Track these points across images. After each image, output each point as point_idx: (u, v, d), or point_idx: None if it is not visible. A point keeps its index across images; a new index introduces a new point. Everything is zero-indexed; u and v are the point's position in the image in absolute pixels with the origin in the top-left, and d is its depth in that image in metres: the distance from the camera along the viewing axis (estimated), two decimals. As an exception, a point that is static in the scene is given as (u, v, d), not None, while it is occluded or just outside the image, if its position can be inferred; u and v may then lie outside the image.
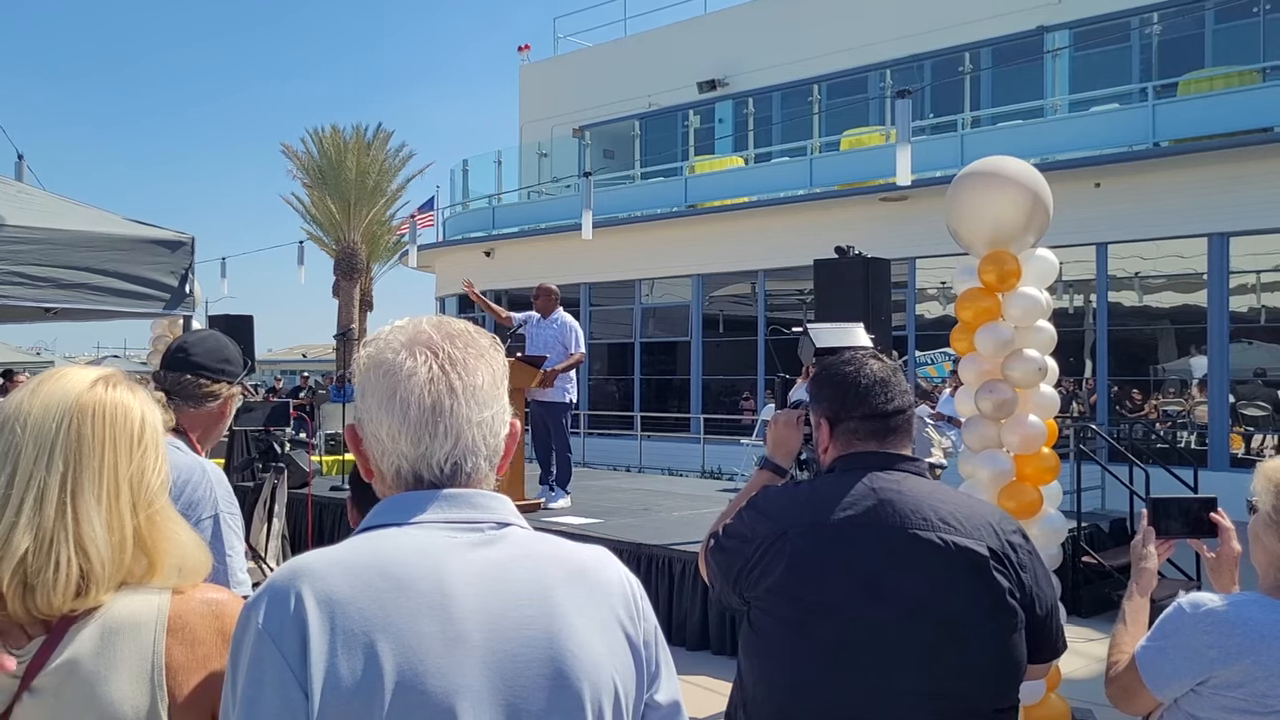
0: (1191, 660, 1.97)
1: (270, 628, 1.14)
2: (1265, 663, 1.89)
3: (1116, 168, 14.16)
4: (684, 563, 6.80)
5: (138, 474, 1.39)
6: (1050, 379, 4.90)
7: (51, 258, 4.60)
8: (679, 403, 19.85)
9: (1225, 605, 1.97)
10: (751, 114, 21.23)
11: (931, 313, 16.63)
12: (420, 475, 1.26)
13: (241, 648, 1.16)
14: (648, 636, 1.31)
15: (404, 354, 1.27)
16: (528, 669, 1.18)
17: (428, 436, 1.25)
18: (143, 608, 1.35)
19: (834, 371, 2.23)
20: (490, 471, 1.31)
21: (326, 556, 1.20)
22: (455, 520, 1.24)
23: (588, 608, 1.24)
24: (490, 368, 1.31)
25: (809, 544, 2.03)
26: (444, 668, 1.14)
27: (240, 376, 2.80)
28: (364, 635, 1.13)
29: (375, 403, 1.27)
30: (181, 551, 1.41)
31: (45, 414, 1.37)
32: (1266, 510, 1.98)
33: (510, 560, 1.23)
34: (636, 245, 19.59)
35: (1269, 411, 13.93)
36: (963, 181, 4.87)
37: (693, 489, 11.24)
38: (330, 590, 1.15)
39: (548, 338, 8.62)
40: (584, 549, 1.32)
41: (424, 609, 1.16)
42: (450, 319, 1.34)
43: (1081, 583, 7.73)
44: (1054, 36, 16.99)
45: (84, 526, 1.33)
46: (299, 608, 1.14)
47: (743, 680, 2.16)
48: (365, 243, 27.91)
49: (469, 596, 1.18)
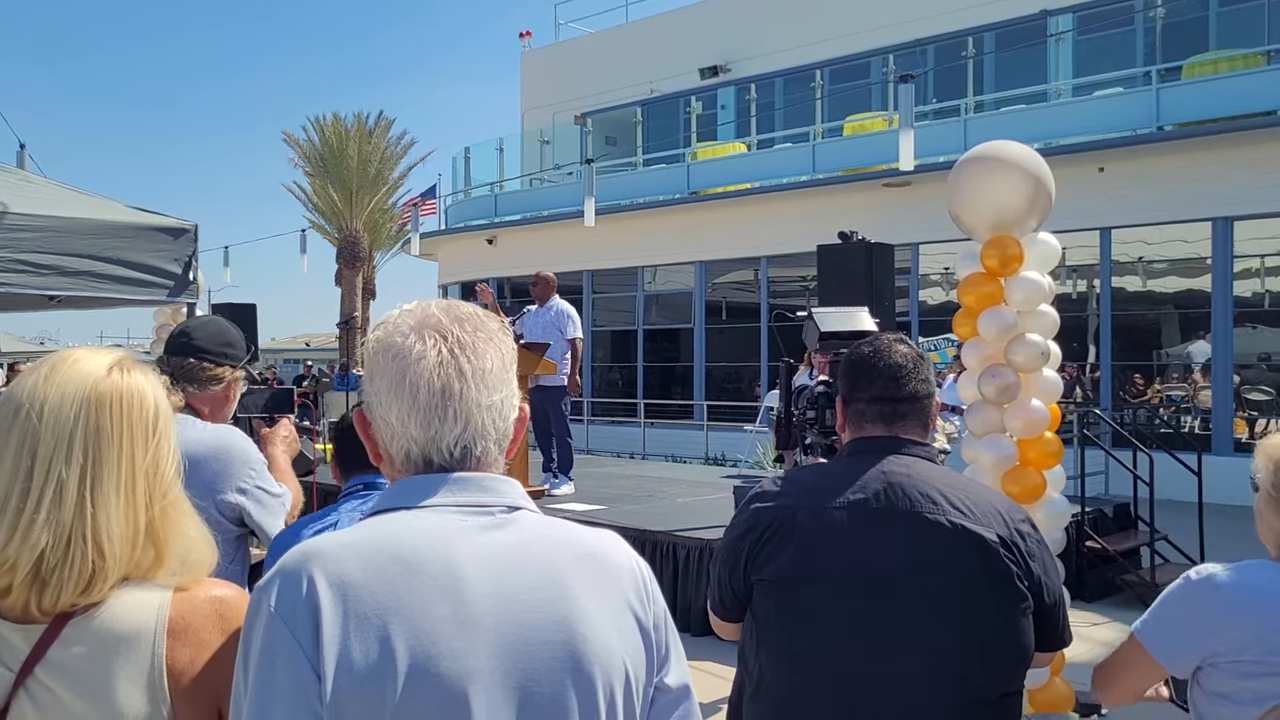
0: (1196, 625, 1.97)
1: (283, 610, 1.14)
2: (1268, 619, 1.89)
3: (1120, 152, 14.11)
4: (688, 549, 6.82)
5: (153, 465, 1.37)
6: (1053, 364, 4.90)
7: (54, 245, 4.59)
8: (682, 390, 19.85)
9: (1228, 570, 1.98)
10: (754, 100, 21.16)
11: (935, 298, 16.61)
12: (430, 459, 1.26)
13: (254, 630, 1.16)
14: (657, 620, 1.31)
15: (413, 337, 1.27)
16: (540, 652, 1.18)
17: (437, 420, 1.25)
18: (143, 610, 1.33)
19: (853, 353, 2.24)
20: (500, 455, 1.31)
21: (338, 540, 1.20)
22: (465, 504, 1.24)
23: (598, 591, 1.25)
24: (499, 351, 1.31)
25: (817, 526, 2.03)
26: (456, 650, 1.15)
27: (243, 361, 2.81)
28: (376, 618, 1.13)
29: (384, 386, 1.27)
30: (187, 544, 1.39)
31: (62, 402, 1.33)
32: (1267, 488, 1.98)
33: (521, 544, 1.24)
34: (639, 232, 19.56)
35: (1273, 396, 13.91)
36: (965, 166, 4.86)
37: (696, 475, 11.25)
38: (342, 573, 1.15)
39: (544, 324, 8.64)
40: (594, 533, 1.32)
41: (436, 592, 1.16)
42: (459, 302, 1.34)
43: (1085, 567, 7.74)
44: (1057, 20, 16.91)
45: (100, 522, 1.31)
46: (311, 591, 1.14)
47: (747, 664, 2.16)
48: (367, 231, 27.90)
49: (480, 580, 1.19)
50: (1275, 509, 1.97)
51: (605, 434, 18.89)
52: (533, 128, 24.33)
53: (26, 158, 10.13)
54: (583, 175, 15.98)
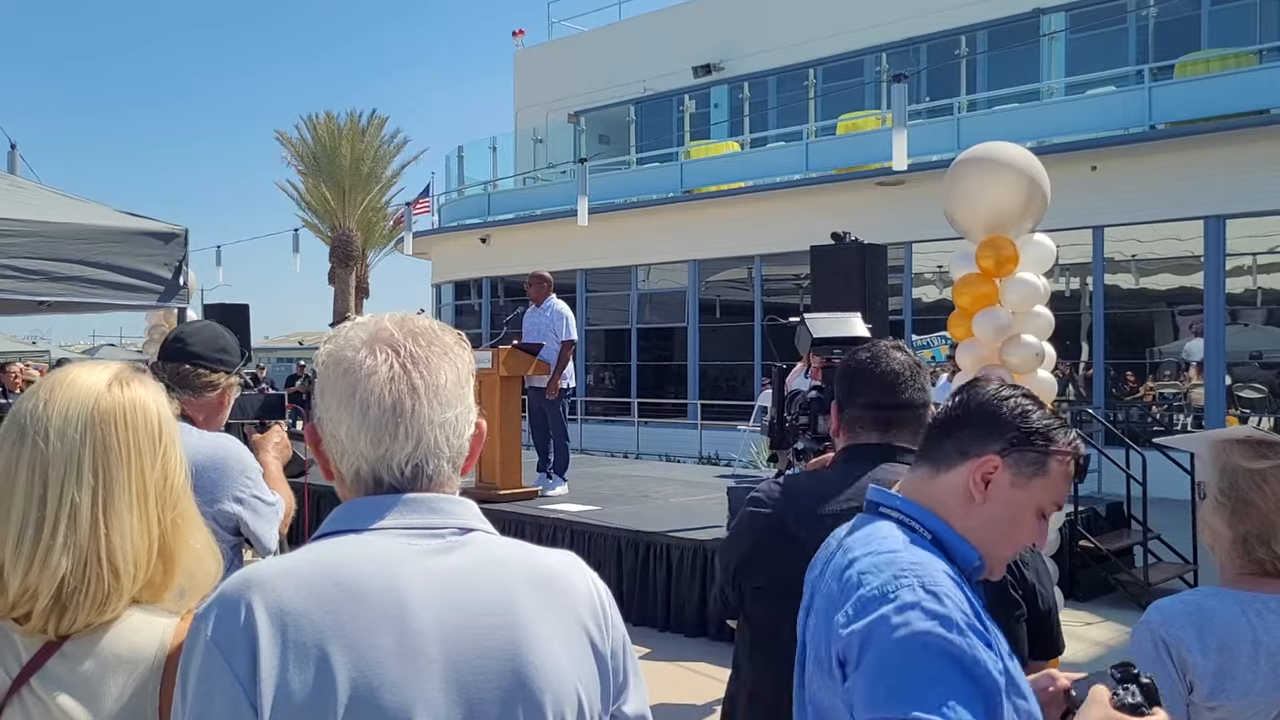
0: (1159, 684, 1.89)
1: (219, 639, 1.10)
2: (1203, 661, 1.82)
3: (1113, 150, 14.14)
4: (681, 549, 6.81)
5: (162, 477, 1.37)
6: (1048, 364, 4.90)
7: (43, 250, 4.57)
8: (676, 389, 19.86)
9: (1168, 610, 1.88)
10: (747, 98, 21.16)
11: (929, 296, 16.63)
12: (380, 478, 1.22)
13: (191, 659, 1.12)
14: (615, 646, 1.26)
15: (364, 352, 1.22)
16: (488, 681, 1.15)
17: (388, 438, 1.21)
18: (147, 634, 1.32)
19: (850, 359, 2.24)
20: (454, 474, 1.26)
21: (279, 565, 1.17)
22: (415, 526, 1.20)
23: (552, 616, 1.20)
24: (454, 366, 1.26)
25: (809, 533, 2.02)
26: (400, 680, 1.11)
27: (238, 367, 2.80)
28: (316, 648, 1.10)
29: (334, 402, 1.22)
30: (193, 559, 1.39)
31: (65, 424, 1.32)
32: (1214, 494, 1.93)
33: (471, 568, 1.19)
34: (632, 231, 19.56)
35: (1265, 394, 13.95)
36: (960, 167, 4.86)
37: (690, 475, 11.24)
38: (282, 601, 1.11)
39: (540, 325, 8.63)
40: (551, 555, 1.28)
41: (379, 620, 1.12)
42: (414, 316, 1.29)
43: (1078, 567, 7.74)
44: (1050, 19, 16.94)
45: (115, 542, 1.30)
46: (249, 619, 1.10)
47: (740, 670, 2.16)
48: (360, 230, 27.87)
49: (427, 607, 1.15)
50: (1222, 514, 1.92)
51: (599, 433, 18.89)
52: (526, 126, 24.31)
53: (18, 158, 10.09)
54: (576, 174, 15.95)
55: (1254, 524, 1.86)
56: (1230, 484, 1.89)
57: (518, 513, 7.68)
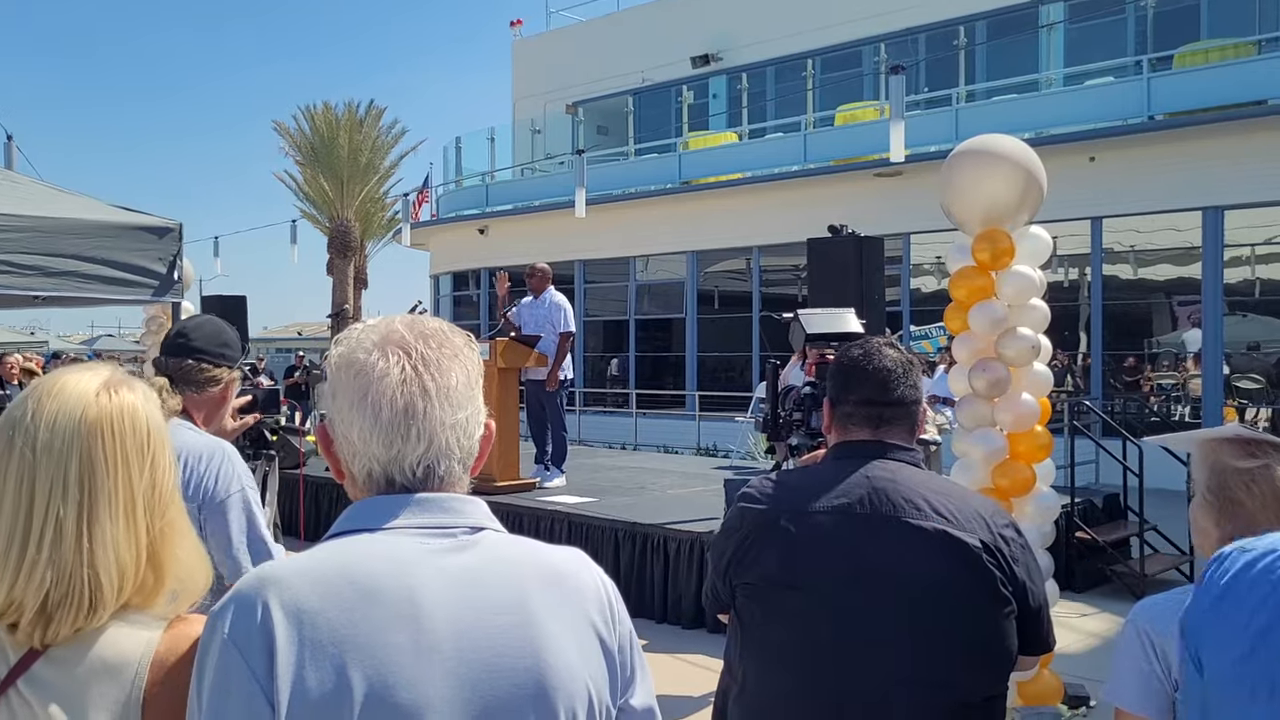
0: (1143, 672, 1.88)
1: (237, 638, 1.12)
2: None
3: (1111, 141, 14.12)
4: (679, 541, 6.82)
5: (149, 485, 1.36)
6: (1044, 357, 4.90)
7: (39, 246, 4.57)
8: (674, 380, 19.86)
9: (1152, 607, 1.87)
10: (745, 89, 21.11)
11: (927, 287, 16.63)
12: (392, 478, 1.24)
13: (207, 657, 1.14)
14: (622, 641, 1.30)
15: (376, 354, 1.24)
16: (501, 679, 1.17)
17: (400, 439, 1.23)
18: (132, 642, 1.32)
19: (843, 356, 2.24)
20: (464, 474, 1.29)
21: (295, 565, 1.18)
22: (427, 526, 1.22)
23: (562, 613, 1.23)
24: (465, 368, 1.28)
25: (801, 530, 2.03)
26: (414, 679, 1.13)
27: (240, 361, 2.81)
28: (332, 646, 1.11)
29: (346, 404, 1.24)
30: (181, 569, 1.38)
31: (53, 436, 1.32)
32: (1202, 491, 1.93)
33: (483, 566, 1.21)
34: (630, 222, 19.53)
35: (1263, 385, 13.96)
36: (956, 160, 4.86)
37: (688, 466, 11.26)
38: (298, 600, 1.13)
39: (538, 317, 8.63)
40: (559, 552, 1.30)
41: (394, 619, 1.14)
42: (424, 318, 1.31)
43: (1075, 558, 7.76)
44: (1048, 10, 16.91)
45: (99, 555, 1.30)
46: (266, 617, 1.12)
47: (731, 666, 2.17)
48: (359, 220, 27.79)
49: (440, 605, 1.17)
50: (1210, 513, 1.91)
51: (597, 424, 18.90)
52: (524, 117, 24.26)
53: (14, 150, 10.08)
54: (574, 165, 15.93)
55: (1241, 523, 1.85)
56: (1219, 483, 1.88)
57: (515, 504, 7.69)
